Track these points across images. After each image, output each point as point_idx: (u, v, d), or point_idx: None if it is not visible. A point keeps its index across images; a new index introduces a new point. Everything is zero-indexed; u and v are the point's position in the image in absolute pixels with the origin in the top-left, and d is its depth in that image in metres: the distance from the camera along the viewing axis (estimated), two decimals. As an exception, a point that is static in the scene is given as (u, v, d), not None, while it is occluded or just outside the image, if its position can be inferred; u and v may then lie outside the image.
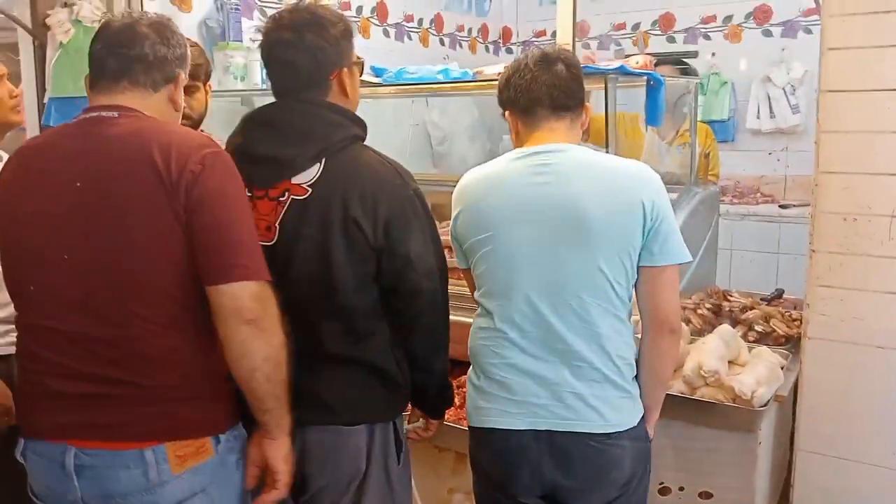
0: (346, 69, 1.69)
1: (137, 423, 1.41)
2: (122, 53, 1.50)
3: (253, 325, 1.40)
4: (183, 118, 1.70)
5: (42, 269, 1.44)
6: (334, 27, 1.66)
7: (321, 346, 1.65)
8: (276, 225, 1.60)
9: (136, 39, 1.51)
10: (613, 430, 1.68)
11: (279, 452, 1.52)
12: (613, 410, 1.68)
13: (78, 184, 1.42)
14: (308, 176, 1.60)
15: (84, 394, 1.42)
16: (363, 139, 1.71)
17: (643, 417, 1.76)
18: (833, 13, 2.12)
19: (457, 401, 2.71)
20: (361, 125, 1.71)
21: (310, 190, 1.59)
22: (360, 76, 1.77)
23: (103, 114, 1.48)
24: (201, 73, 2.05)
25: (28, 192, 1.46)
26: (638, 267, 1.69)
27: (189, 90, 1.83)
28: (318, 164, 1.60)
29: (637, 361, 1.76)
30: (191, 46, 1.67)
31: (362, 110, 1.77)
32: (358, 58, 1.75)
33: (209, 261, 1.39)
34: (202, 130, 1.86)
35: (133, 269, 1.40)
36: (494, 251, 1.70)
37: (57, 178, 1.44)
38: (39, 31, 3.23)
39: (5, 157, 1.80)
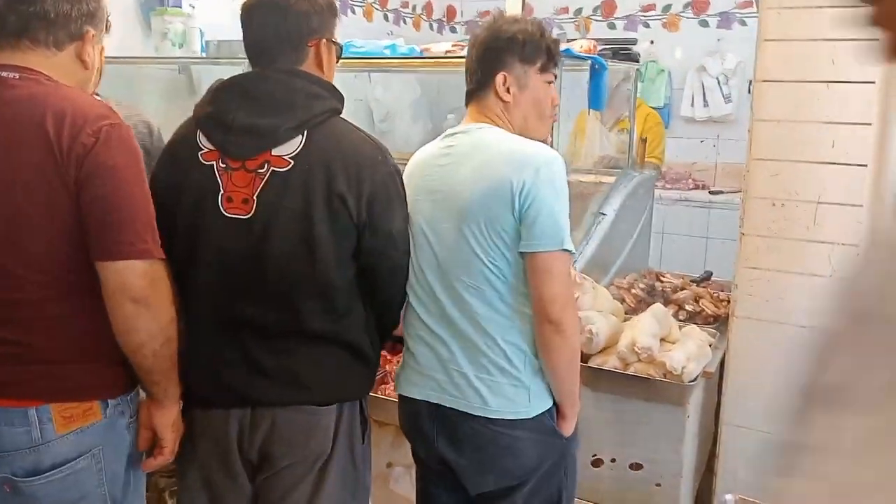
0: (325, 41, 1.64)
1: (24, 384, 1.43)
2: (22, 10, 1.43)
3: (139, 303, 1.41)
4: None
5: None
6: None
7: (301, 325, 1.60)
8: (254, 197, 1.54)
9: None
10: (497, 416, 1.66)
11: (167, 420, 1.57)
12: (497, 396, 1.66)
13: None
14: (290, 148, 1.55)
15: None
16: (341, 112, 1.67)
17: (549, 412, 1.71)
18: (771, 6, 2.20)
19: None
20: (340, 98, 1.67)
21: (291, 162, 1.54)
22: (337, 62, 1.72)
23: (3, 74, 1.43)
24: None
25: None
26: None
27: None
28: (300, 136, 1.55)
29: None
30: None
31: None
32: (340, 44, 1.72)
33: (97, 237, 1.39)
34: (97, 95, 1.69)
35: (21, 238, 1.39)
36: (411, 229, 1.73)
37: None
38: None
39: None
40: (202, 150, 1.57)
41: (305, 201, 1.53)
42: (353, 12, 4.77)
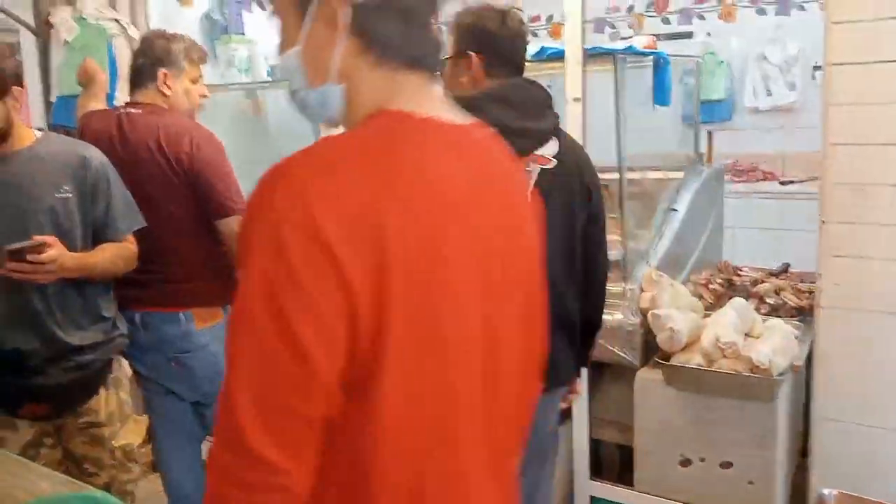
0: None
1: (173, 296, 2.20)
2: (133, 67, 2.31)
3: None
4: None
5: None
6: None
7: (562, 311, 1.74)
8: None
9: None
10: None
11: None
12: None
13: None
14: (551, 148, 1.73)
15: (142, 280, 2.14)
16: None
17: None
18: (838, -13, 2.15)
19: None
20: None
21: (555, 161, 1.72)
22: None
23: (130, 110, 2.24)
24: None
25: None
26: None
27: None
28: (555, 137, 1.75)
29: None
30: None
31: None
32: None
33: (211, 205, 2.15)
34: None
35: (160, 208, 2.16)
36: None
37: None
38: (42, 29, 3.23)
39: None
40: None
41: (568, 194, 1.72)
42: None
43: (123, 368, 2.23)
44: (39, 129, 2.02)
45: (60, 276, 1.83)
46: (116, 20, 3.11)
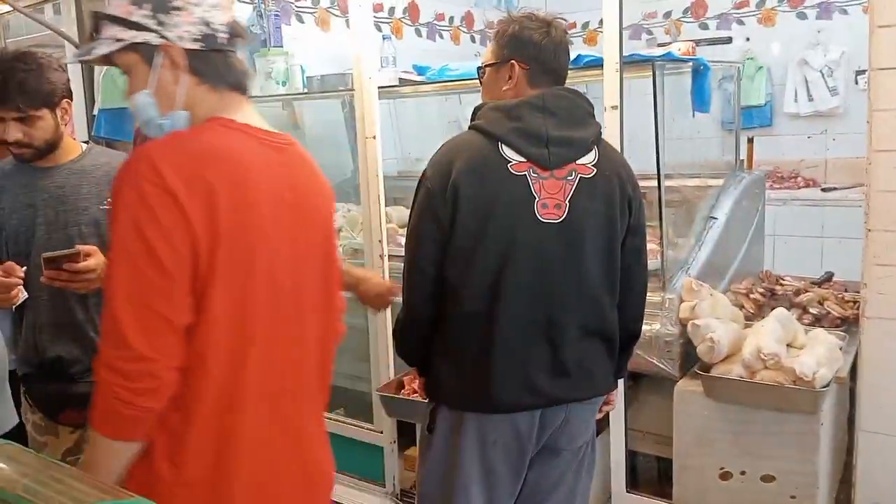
0: None
1: None
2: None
3: None
4: (24, 147, 1.87)
5: None
6: None
7: (602, 322, 1.75)
8: (566, 202, 1.67)
9: None
10: None
11: None
12: None
13: None
14: (590, 157, 1.72)
15: None
16: None
17: None
18: (882, -9, 2.10)
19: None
20: None
21: (595, 170, 1.71)
22: None
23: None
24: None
25: None
26: None
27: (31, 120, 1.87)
28: (595, 147, 1.74)
29: None
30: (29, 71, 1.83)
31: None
32: None
33: None
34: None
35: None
36: None
37: None
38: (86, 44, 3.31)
39: None
40: (510, 161, 1.67)
41: (608, 204, 1.71)
42: (441, 37, 4.85)
43: None
44: (85, 142, 2.06)
45: (97, 286, 1.86)
46: (158, 33, 3.17)
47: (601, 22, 2.32)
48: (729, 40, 4.82)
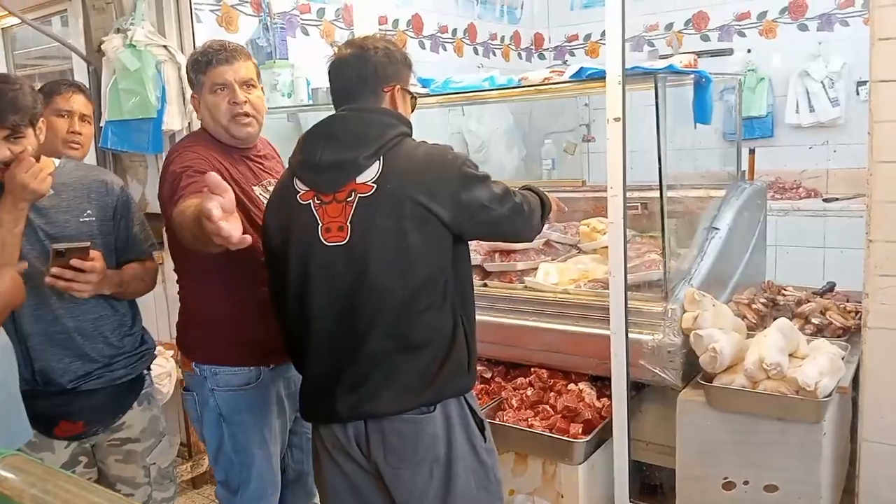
0: (400, 87, 1.83)
1: None
2: None
3: None
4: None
5: None
6: (399, 52, 1.85)
7: (403, 332, 1.72)
8: (348, 224, 1.69)
9: None
10: None
11: None
12: None
13: None
14: (370, 174, 1.70)
15: None
16: (411, 135, 1.83)
17: None
18: (883, 4, 2.13)
19: (514, 402, 2.75)
20: (408, 124, 1.84)
21: (375, 186, 1.69)
22: (412, 111, 1.90)
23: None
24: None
25: None
26: None
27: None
28: (378, 161, 1.70)
29: None
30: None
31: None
32: (414, 94, 1.90)
33: None
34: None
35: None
36: None
37: None
38: (94, 57, 3.34)
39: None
40: (299, 192, 1.76)
41: (396, 217, 1.67)
42: (445, 49, 4.88)
43: (155, 385, 2.29)
44: (56, 158, 2.06)
45: (95, 292, 1.88)
46: (165, 46, 3.20)
47: (603, 33, 2.35)
48: (730, 52, 4.84)
